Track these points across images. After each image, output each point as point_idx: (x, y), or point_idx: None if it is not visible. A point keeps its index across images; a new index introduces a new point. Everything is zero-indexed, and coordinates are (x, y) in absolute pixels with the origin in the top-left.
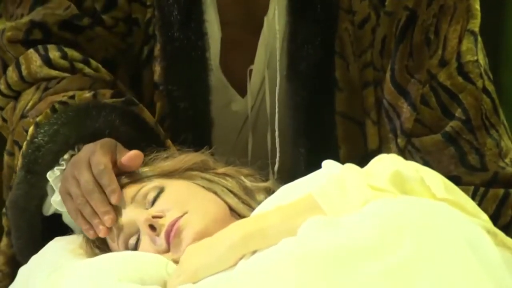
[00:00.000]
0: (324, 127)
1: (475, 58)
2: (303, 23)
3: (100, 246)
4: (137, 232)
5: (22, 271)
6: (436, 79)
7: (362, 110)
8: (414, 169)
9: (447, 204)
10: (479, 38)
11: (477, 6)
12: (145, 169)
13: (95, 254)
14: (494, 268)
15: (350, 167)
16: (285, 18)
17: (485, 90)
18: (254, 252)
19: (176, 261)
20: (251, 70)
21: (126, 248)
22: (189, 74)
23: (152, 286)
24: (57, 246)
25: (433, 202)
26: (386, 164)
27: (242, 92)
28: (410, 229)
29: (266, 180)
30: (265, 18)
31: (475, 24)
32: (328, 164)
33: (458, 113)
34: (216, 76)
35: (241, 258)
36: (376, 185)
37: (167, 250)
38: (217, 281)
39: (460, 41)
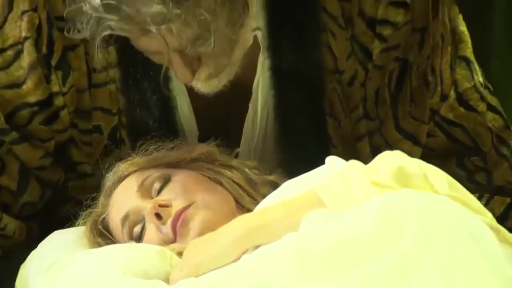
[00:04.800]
0: None
1: (472, 83)
2: (290, 93)
3: (103, 234)
4: (142, 220)
5: (23, 266)
6: (439, 114)
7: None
8: (417, 166)
9: (449, 198)
10: (472, 59)
11: (463, 28)
12: (151, 158)
13: (98, 244)
14: (497, 261)
15: (354, 163)
16: (270, 90)
17: (489, 107)
18: (257, 246)
19: (180, 253)
20: (237, 154)
21: (131, 236)
22: None
23: (155, 279)
24: (56, 239)
25: (435, 195)
26: (390, 160)
27: None
28: (413, 221)
29: (271, 173)
30: (250, 105)
31: (464, 48)
32: (332, 160)
33: (465, 139)
34: None
35: (244, 252)
36: (379, 181)
37: (173, 240)
38: (219, 275)
39: (452, 69)
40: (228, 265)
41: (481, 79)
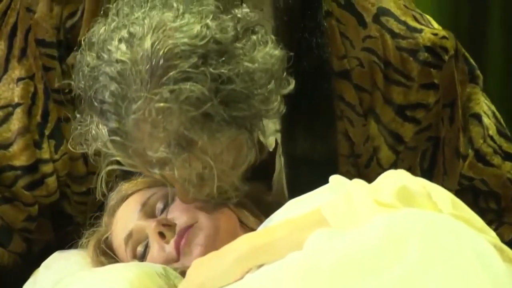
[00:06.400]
0: None
1: (485, 138)
2: (302, 175)
3: (106, 253)
4: (146, 239)
5: (25, 286)
6: (461, 173)
7: None
8: (421, 185)
9: (452, 217)
10: (482, 112)
11: (469, 89)
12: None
13: (101, 263)
14: (500, 279)
15: (358, 182)
16: (283, 170)
17: (507, 156)
18: (260, 265)
19: (184, 272)
20: None
21: (134, 255)
22: None
23: None
24: (59, 258)
25: (437, 214)
26: (394, 179)
27: None
28: (415, 239)
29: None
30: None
31: (473, 106)
32: (336, 179)
33: (484, 188)
34: None
35: (247, 272)
36: (383, 201)
37: (177, 259)
38: None
39: (465, 130)
40: (231, 284)
41: (491, 131)
